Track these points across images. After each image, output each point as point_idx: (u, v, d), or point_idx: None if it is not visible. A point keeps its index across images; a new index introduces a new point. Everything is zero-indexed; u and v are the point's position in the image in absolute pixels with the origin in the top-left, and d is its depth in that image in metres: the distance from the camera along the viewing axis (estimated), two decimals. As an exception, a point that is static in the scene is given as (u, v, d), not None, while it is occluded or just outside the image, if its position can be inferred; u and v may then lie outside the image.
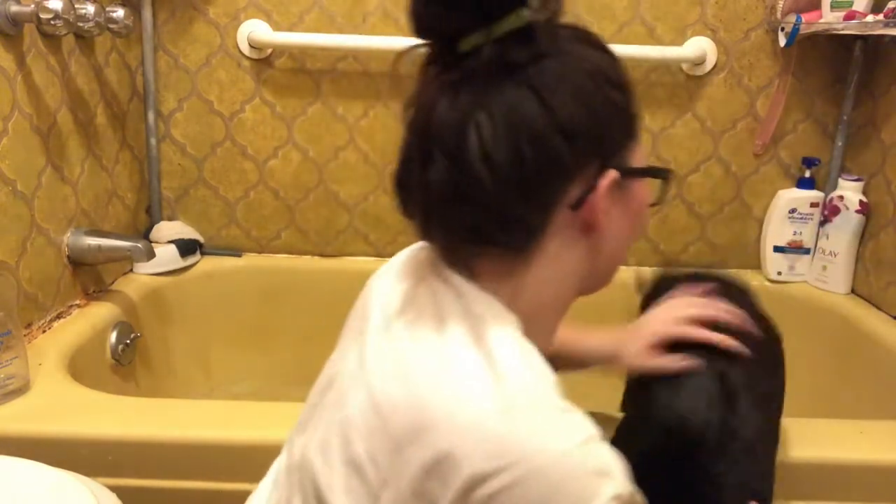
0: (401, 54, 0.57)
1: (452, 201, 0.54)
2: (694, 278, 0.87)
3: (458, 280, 0.58)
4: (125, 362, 1.32)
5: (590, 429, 0.50)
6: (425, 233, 0.60)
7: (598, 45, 0.58)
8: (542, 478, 0.47)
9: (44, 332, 1.19)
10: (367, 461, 0.54)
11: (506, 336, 0.55)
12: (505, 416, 0.49)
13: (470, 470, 0.48)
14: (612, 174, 0.56)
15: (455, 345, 0.54)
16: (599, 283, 0.64)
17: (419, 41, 0.55)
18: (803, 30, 1.44)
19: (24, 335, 1.13)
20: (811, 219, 1.60)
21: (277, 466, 0.72)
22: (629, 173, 0.58)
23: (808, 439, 0.94)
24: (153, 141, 1.59)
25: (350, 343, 0.65)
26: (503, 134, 0.52)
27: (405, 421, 0.52)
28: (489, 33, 0.51)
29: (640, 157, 0.60)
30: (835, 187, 1.58)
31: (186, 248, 1.57)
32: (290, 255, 1.69)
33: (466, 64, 0.52)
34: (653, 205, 0.63)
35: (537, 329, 0.59)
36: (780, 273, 1.62)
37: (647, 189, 0.62)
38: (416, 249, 0.68)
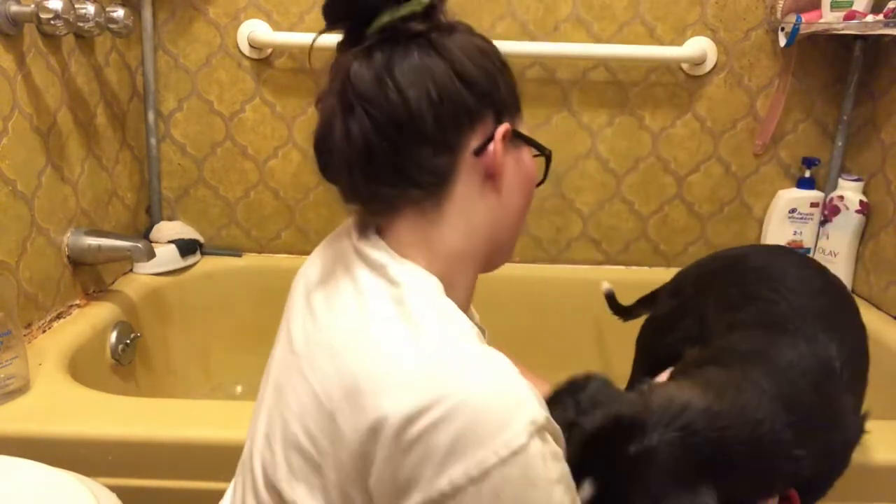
0: (313, 42, 0.67)
1: (375, 144, 0.61)
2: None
3: (375, 252, 0.63)
4: (125, 362, 1.32)
5: (504, 365, 0.56)
6: (349, 188, 0.65)
7: (481, 36, 0.67)
8: (464, 411, 0.51)
9: (44, 332, 1.19)
10: (304, 439, 0.58)
11: (424, 294, 0.60)
12: (424, 362, 0.54)
13: (396, 417, 0.52)
14: (506, 126, 0.65)
15: (374, 310, 0.59)
16: (503, 250, 0.71)
17: (330, 28, 0.65)
18: (803, 30, 1.44)
19: (24, 335, 1.13)
20: (811, 219, 1.60)
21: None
22: (518, 135, 0.67)
23: (807, 439, 0.94)
24: (153, 141, 1.59)
25: (280, 333, 0.70)
26: (413, 81, 0.61)
27: (336, 392, 0.56)
28: (394, 13, 0.61)
29: (526, 132, 0.69)
30: (835, 187, 1.58)
31: (186, 248, 1.57)
32: (291, 255, 1.69)
33: (375, 38, 0.62)
34: (538, 184, 0.71)
35: (455, 286, 0.65)
36: (780, 273, 1.62)
37: (534, 162, 0.70)
38: (333, 233, 0.73)
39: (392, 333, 0.57)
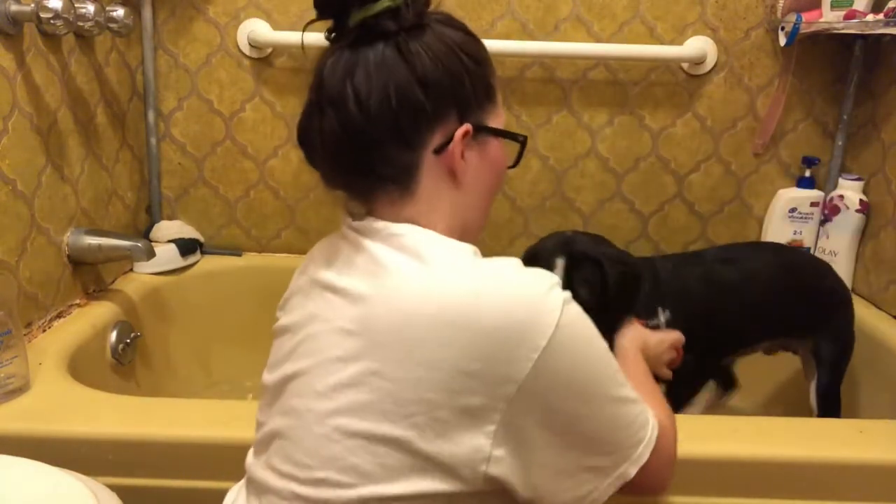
0: (305, 27, 0.72)
1: (343, 143, 0.67)
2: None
3: (370, 225, 0.69)
4: (125, 361, 1.32)
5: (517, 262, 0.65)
6: (328, 177, 0.72)
7: (461, 27, 0.71)
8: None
9: (44, 331, 1.19)
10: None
11: (424, 234, 0.67)
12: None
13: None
14: (467, 126, 0.68)
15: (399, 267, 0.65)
16: (471, 231, 0.75)
17: (317, 18, 0.69)
18: (803, 29, 1.44)
19: (25, 334, 1.13)
20: (811, 218, 1.60)
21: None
22: (484, 130, 0.71)
23: (808, 439, 0.94)
24: (153, 140, 1.59)
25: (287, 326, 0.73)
26: (374, 84, 0.65)
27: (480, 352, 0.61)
28: (367, 10, 0.65)
29: (499, 122, 0.73)
30: (835, 186, 1.58)
31: (186, 247, 1.57)
32: (291, 255, 1.69)
33: (351, 34, 0.67)
34: (511, 166, 0.76)
35: None
36: (780, 272, 1.63)
37: (503, 150, 0.74)
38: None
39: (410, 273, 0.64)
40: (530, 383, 0.60)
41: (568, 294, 0.63)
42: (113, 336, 1.29)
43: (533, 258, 1.05)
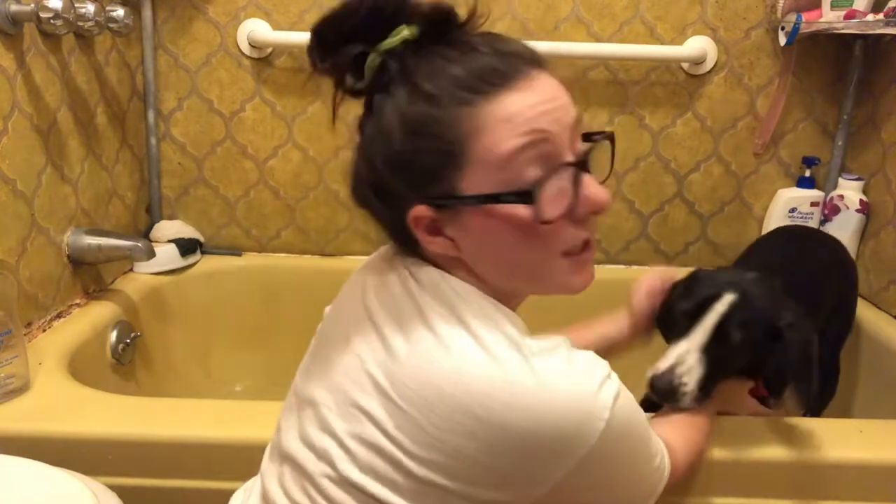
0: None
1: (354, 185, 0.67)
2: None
3: (425, 271, 0.65)
4: (125, 361, 1.32)
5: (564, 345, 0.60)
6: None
7: (419, 90, 0.61)
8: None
9: (44, 331, 1.19)
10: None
11: (462, 290, 0.62)
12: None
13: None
14: (418, 210, 0.61)
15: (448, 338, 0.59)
16: (532, 291, 0.68)
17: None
18: (803, 29, 1.44)
19: (25, 334, 1.13)
20: (811, 218, 1.60)
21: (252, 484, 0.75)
22: (446, 204, 0.61)
23: (808, 439, 0.94)
24: (153, 140, 1.59)
25: (331, 332, 0.70)
26: (366, 147, 0.64)
27: (504, 444, 0.57)
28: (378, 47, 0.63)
29: (491, 179, 0.59)
30: (835, 186, 1.58)
31: (187, 247, 1.57)
32: (291, 255, 1.69)
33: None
34: (543, 222, 0.59)
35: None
36: (780, 272, 1.62)
37: (505, 213, 0.60)
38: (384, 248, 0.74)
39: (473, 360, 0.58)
40: (563, 484, 0.57)
41: (617, 385, 0.59)
42: (113, 336, 1.29)
43: (700, 283, 0.92)
